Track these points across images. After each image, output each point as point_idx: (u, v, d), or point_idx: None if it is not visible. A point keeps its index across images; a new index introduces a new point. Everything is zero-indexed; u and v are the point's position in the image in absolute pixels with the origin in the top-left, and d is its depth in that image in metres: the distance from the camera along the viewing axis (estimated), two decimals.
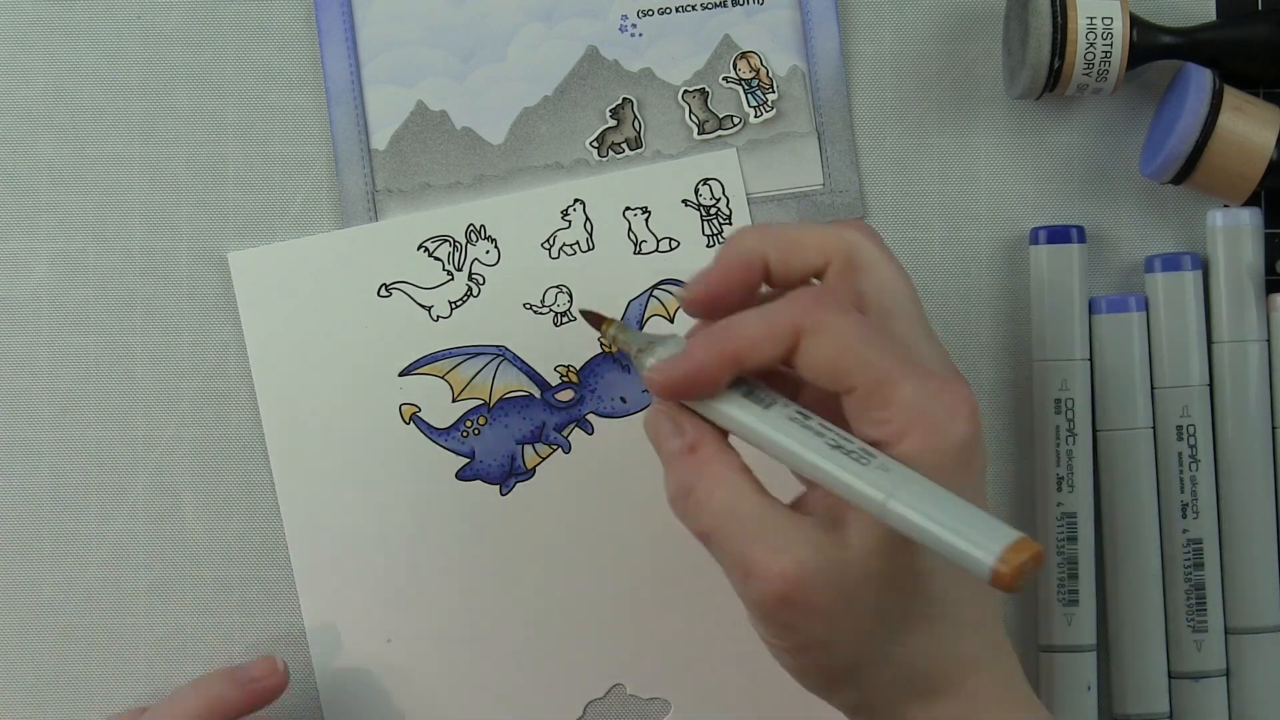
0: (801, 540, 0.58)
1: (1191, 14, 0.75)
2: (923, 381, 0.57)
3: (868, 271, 0.61)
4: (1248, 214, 0.74)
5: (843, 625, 0.59)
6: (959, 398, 0.58)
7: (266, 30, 0.75)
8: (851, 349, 0.58)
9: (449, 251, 0.74)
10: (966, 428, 0.57)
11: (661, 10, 0.75)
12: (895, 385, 0.57)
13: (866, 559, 0.58)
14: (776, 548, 0.58)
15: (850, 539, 0.58)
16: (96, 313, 0.74)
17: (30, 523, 0.74)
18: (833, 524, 0.59)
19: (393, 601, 0.74)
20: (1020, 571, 0.52)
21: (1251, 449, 0.73)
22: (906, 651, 0.60)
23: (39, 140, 0.75)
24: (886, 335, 0.60)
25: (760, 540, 0.58)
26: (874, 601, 0.58)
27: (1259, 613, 0.73)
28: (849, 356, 0.58)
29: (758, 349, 0.59)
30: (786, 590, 0.58)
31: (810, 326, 0.58)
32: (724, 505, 0.59)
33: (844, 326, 0.58)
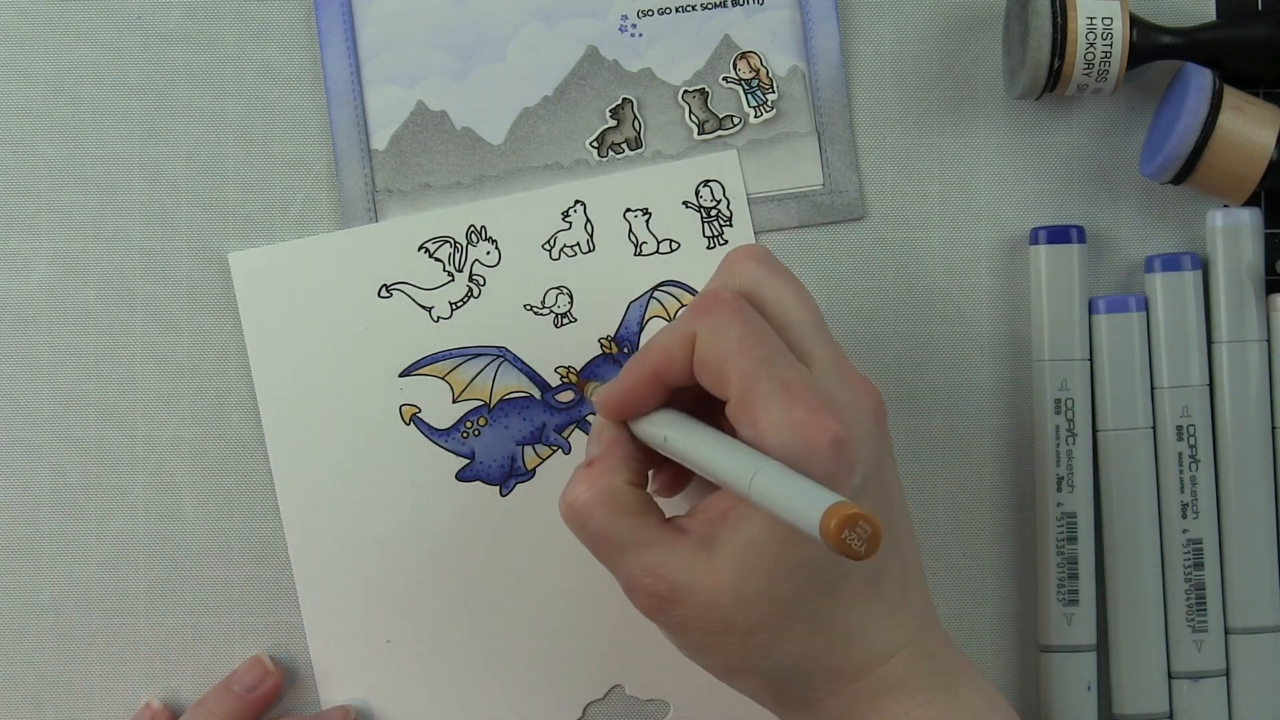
0: (673, 564, 0.61)
1: (1191, 14, 0.75)
2: (789, 409, 0.59)
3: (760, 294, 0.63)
4: (1248, 214, 0.74)
5: (718, 640, 0.61)
6: (819, 430, 0.58)
7: (266, 30, 0.75)
8: (728, 355, 0.60)
9: (449, 252, 0.74)
10: (821, 464, 0.58)
11: (661, 10, 0.75)
12: (762, 404, 0.59)
13: (735, 583, 0.60)
14: (647, 569, 0.61)
15: (719, 561, 0.60)
16: (96, 313, 0.74)
17: (30, 523, 0.74)
18: (708, 542, 0.61)
19: (393, 601, 0.74)
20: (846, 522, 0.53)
21: (1251, 449, 0.73)
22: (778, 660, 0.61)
23: (39, 140, 0.75)
24: (773, 345, 0.61)
25: (633, 561, 0.61)
26: (746, 622, 0.60)
27: (1259, 613, 0.73)
28: (726, 363, 0.60)
29: (671, 359, 0.62)
30: (658, 606, 0.61)
31: (701, 330, 0.61)
32: (599, 525, 0.62)
33: (726, 330, 0.61)
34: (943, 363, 0.75)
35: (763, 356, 0.60)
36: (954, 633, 0.74)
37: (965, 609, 0.75)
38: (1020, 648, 0.75)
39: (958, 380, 0.75)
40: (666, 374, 0.63)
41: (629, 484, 0.63)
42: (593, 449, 0.65)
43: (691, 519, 0.62)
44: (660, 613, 0.61)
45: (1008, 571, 0.75)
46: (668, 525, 0.62)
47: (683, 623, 0.61)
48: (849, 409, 0.61)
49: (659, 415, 0.64)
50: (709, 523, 0.61)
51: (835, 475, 0.58)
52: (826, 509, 0.53)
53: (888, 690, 0.62)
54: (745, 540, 0.60)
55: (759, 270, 0.64)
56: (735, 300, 0.62)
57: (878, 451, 0.62)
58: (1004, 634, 0.75)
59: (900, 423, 0.75)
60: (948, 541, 0.75)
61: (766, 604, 0.60)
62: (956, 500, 0.75)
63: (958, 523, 0.75)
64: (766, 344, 0.61)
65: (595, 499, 0.62)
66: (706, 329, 0.61)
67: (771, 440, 0.59)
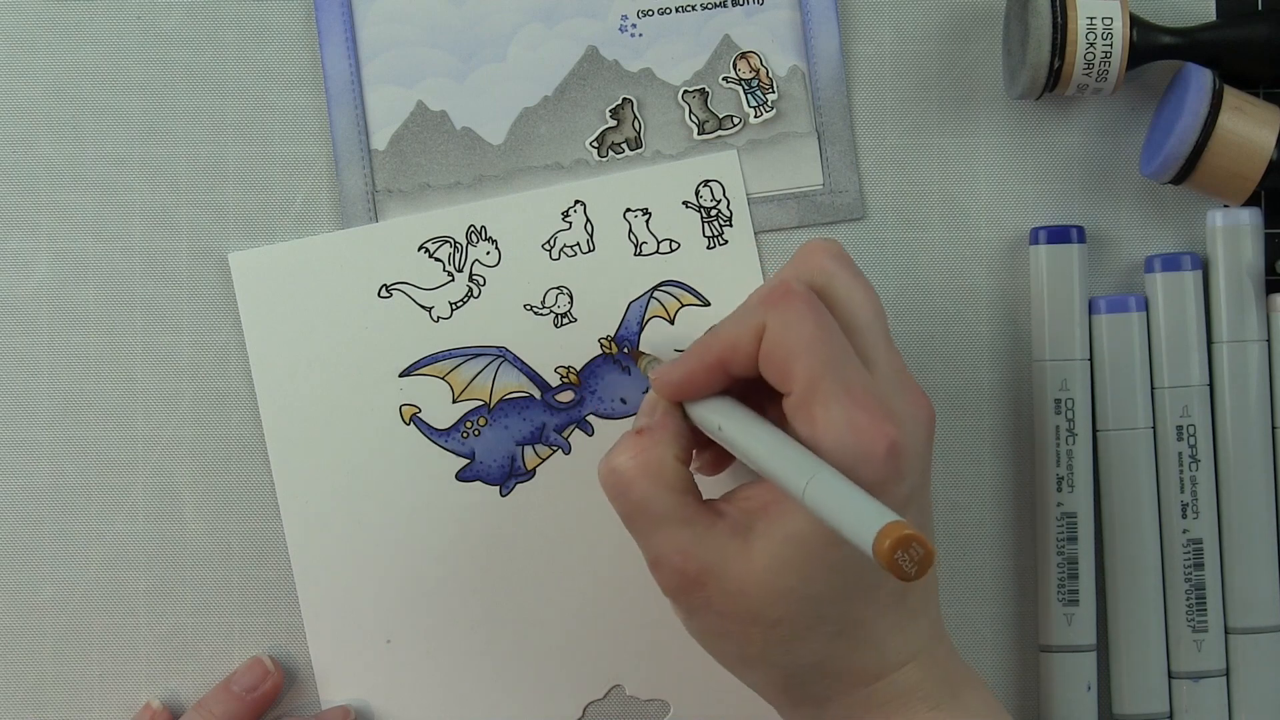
0: (705, 545, 0.61)
1: (1191, 14, 0.75)
2: (849, 411, 0.59)
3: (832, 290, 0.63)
4: (1248, 214, 0.74)
5: (739, 628, 0.61)
6: (878, 436, 0.59)
7: (266, 30, 0.75)
8: (797, 351, 0.60)
9: (449, 252, 0.74)
10: (875, 469, 0.58)
11: (661, 10, 0.75)
12: (823, 404, 0.59)
13: (768, 575, 0.60)
14: (679, 547, 0.61)
15: (755, 550, 0.60)
16: (96, 313, 0.74)
17: (30, 523, 0.74)
18: (745, 530, 0.61)
19: (393, 601, 0.74)
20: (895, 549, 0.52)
21: (1251, 449, 0.73)
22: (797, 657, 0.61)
23: (39, 140, 0.75)
24: (841, 347, 0.61)
25: (666, 536, 0.61)
26: (772, 615, 0.60)
27: (1259, 613, 0.73)
28: (793, 358, 0.60)
29: (737, 349, 0.62)
30: (684, 585, 0.61)
31: (771, 322, 0.61)
32: (640, 494, 0.62)
33: (797, 327, 0.61)
34: (943, 363, 0.75)
35: (830, 356, 0.60)
36: (954, 633, 0.74)
37: (965, 609, 0.75)
38: (1020, 648, 0.75)
39: (958, 380, 0.75)
40: (731, 363, 0.63)
41: (676, 459, 0.63)
42: (643, 419, 0.65)
43: (730, 504, 0.62)
44: (684, 593, 0.61)
45: (1008, 571, 0.75)
46: (706, 506, 0.62)
47: (705, 605, 0.61)
48: (906, 419, 0.61)
49: (715, 402, 0.64)
50: (749, 511, 0.61)
51: (886, 483, 0.59)
52: (882, 528, 0.52)
53: (897, 695, 0.62)
54: (786, 535, 0.60)
55: (834, 265, 0.64)
56: (808, 295, 0.62)
57: (926, 464, 0.62)
58: (1004, 634, 0.75)
59: None
60: (948, 541, 0.75)
61: (797, 600, 0.60)
62: (956, 500, 0.75)
63: (958, 523, 0.75)
64: (834, 344, 0.61)
65: (640, 468, 0.62)
66: (778, 321, 0.61)
67: (828, 441, 0.59)
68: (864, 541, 0.53)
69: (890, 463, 0.59)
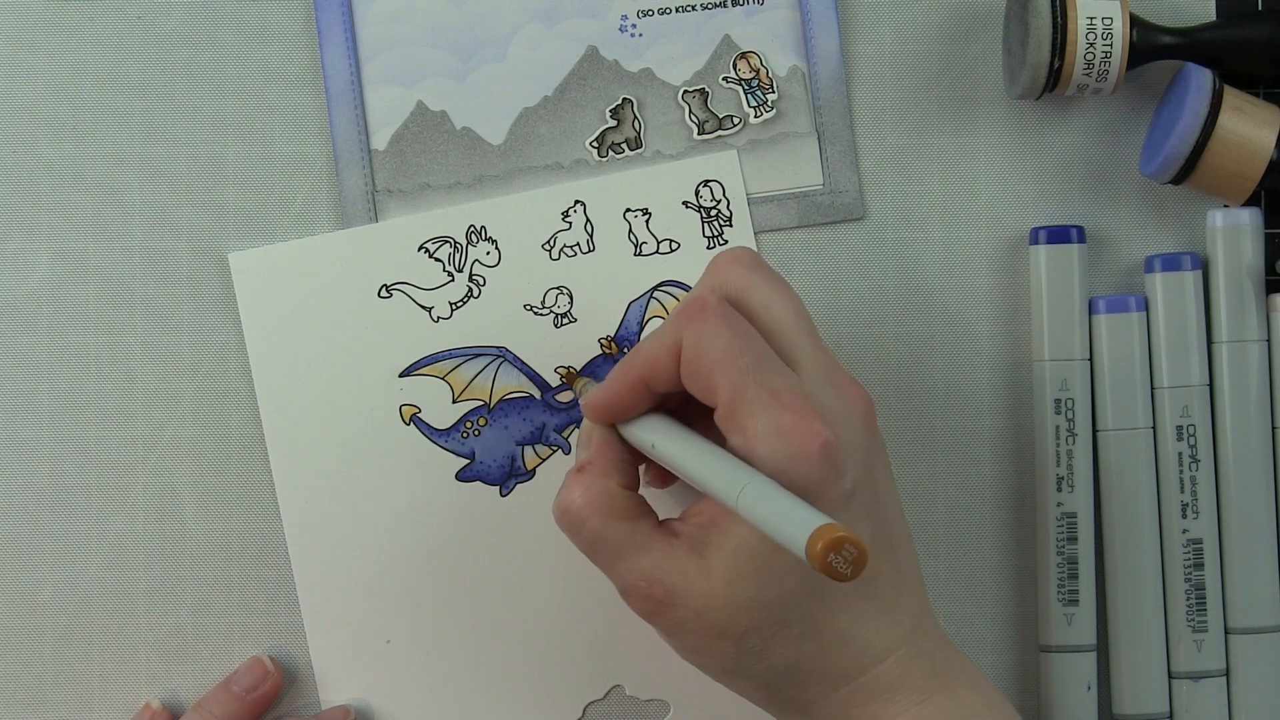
0: (666, 568, 0.61)
1: (1191, 14, 0.75)
2: (776, 416, 0.59)
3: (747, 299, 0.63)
4: (1248, 214, 0.74)
5: (713, 643, 0.61)
6: (809, 437, 0.59)
7: (266, 30, 0.75)
8: (715, 363, 0.60)
9: (449, 252, 0.74)
10: (810, 470, 0.58)
11: (661, 10, 0.75)
12: (749, 412, 0.59)
13: (727, 588, 0.60)
14: (641, 574, 0.61)
15: (712, 566, 0.60)
16: (96, 313, 0.74)
17: (30, 523, 0.74)
18: (701, 547, 0.61)
19: (393, 601, 0.74)
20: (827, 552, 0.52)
21: (1251, 449, 0.73)
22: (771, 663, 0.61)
23: (39, 140, 0.75)
24: (761, 353, 0.61)
25: (626, 565, 0.62)
26: (739, 626, 0.60)
27: (1259, 613, 0.73)
28: (713, 371, 0.60)
29: (657, 366, 0.62)
30: (653, 609, 0.61)
31: (687, 338, 0.61)
32: (593, 530, 0.62)
33: (713, 339, 0.61)
34: (943, 363, 0.75)
35: (750, 364, 0.60)
36: (954, 633, 0.74)
37: (965, 609, 0.75)
38: (1020, 648, 0.75)
39: (958, 380, 0.75)
40: (653, 380, 0.63)
41: (622, 487, 0.63)
42: (583, 453, 0.65)
43: (684, 523, 0.63)
44: (656, 616, 0.62)
45: (1008, 571, 0.75)
46: (661, 529, 0.63)
47: (678, 626, 0.61)
48: (838, 414, 0.61)
49: (647, 420, 0.64)
50: (701, 526, 0.61)
51: (824, 481, 0.59)
52: (812, 532, 0.53)
53: (881, 691, 0.62)
54: (736, 547, 0.60)
55: (746, 275, 0.64)
56: (721, 306, 0.62)
57: (868, 455, 0.62)
58: (1004, 634, 0.75)
59: (900, 423, 0.75)
60: (948, 541, 0.75)
61: (758, 609, 0.60)
62: (956, 500, 0.75)
63: (958, 523, 0.75)
64: (754, 351, 0.60)
65: (589, 504, 0.62)
66: (692, 336, 0.61)
67: (760, 448, 0.59)
68: (797, 547, 0.53)
69: (825, 461, 0.58)
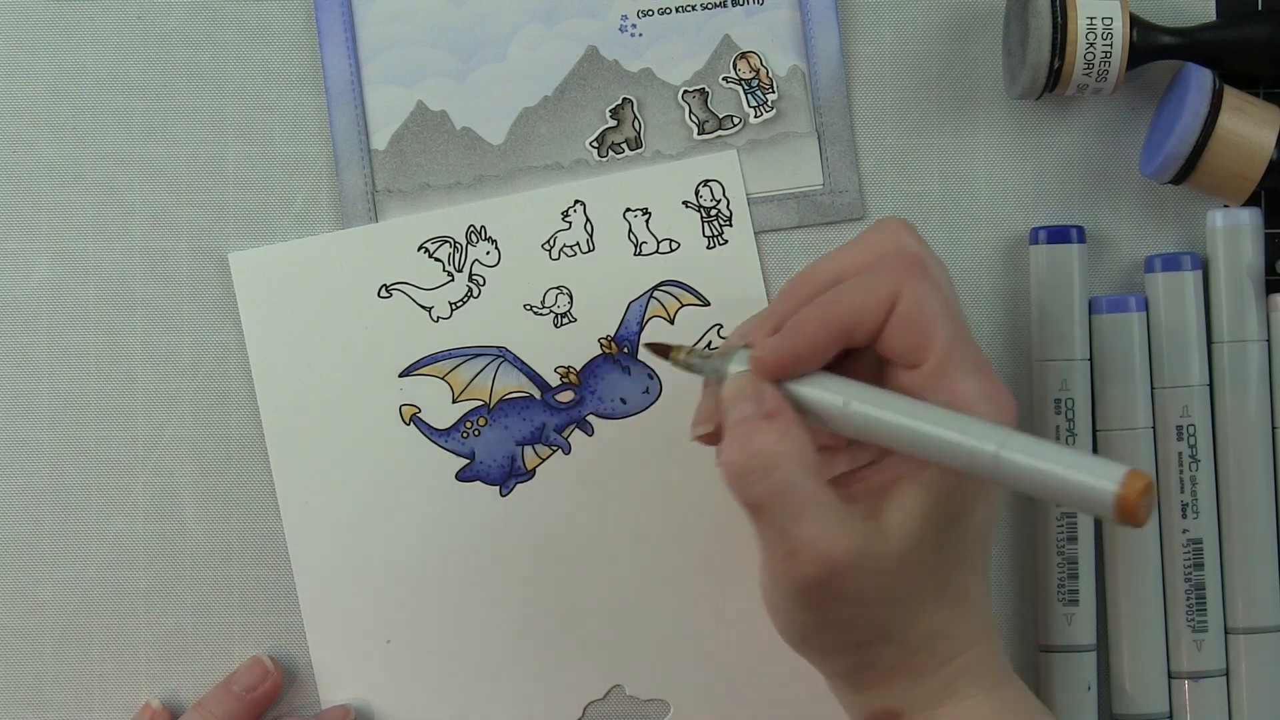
0: (849, 530, 0.60)
1: (1191, 14, 0.75)
2: (981, 380, 0.60)
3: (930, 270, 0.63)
4: (1248, 214, 0.74)
5: (867, 611, 0.61)
6: (1008, 405, 0.60)
7: (266, 30, 0.75)
8: (934, 322, 0.60)
9: (449, 252, 0.74)
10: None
11: (661, 10, 0.75)
12: (961, 373, 0.60)
13: (905, 551, 0.60)
14: (826, 533, 0.59)
15: (890, 531, 0.60)
16: (96, 313, 0.74)
17: (30, 523, 0.74)
18: (874, 513, 0.61)
19: (393, 601, 0.74)
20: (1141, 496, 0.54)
21: (1251, 449, 0.73)
22: (914, 631, 0.62)
23: (39, 140, 0.75)
24: (962, 320, 0.62)
25: (812, 522, 0.59)
26: (904, 590, 0.61)
27: (1259, 613, 0.73)
28: (931, 329, 0.60)
29: (863, 318, 0.61)
30: (826, 576, 0.60)
31: (907, 291, 0.61)
32: (785, 479, 0.59)
33: (932, 298, 0.61)
34: None
35: (959, 329, 0.61)
36: None
37: None
38: (1020, 648, 0.75)
39: None
40: (854, 331, 0.61)
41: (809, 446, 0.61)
42: (745, 406, 0.61)
43: (851, 489, 0.62)
44: (820, 584, 0.59)
45: (1008, 571, 0.75)
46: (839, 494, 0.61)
47: (840, 594, 0.60)
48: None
49: (826, 379, 0.62)
50: (872, 492, 0.61)
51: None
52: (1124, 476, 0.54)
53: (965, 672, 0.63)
54: (915, 510, 0.60)
55: (921, 248, 0.64)
56: (938, 267, 0.63)
57: None
58: (1004, 634, 0.75)
59: None
60: None
61: (928, 572, 0.61)
62: None
63: None
64: (960, 317, 0.62)
65: (788, 451, 0.59)
66: (913, 291, 0.61)
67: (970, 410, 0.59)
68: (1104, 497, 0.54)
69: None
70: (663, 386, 0.74)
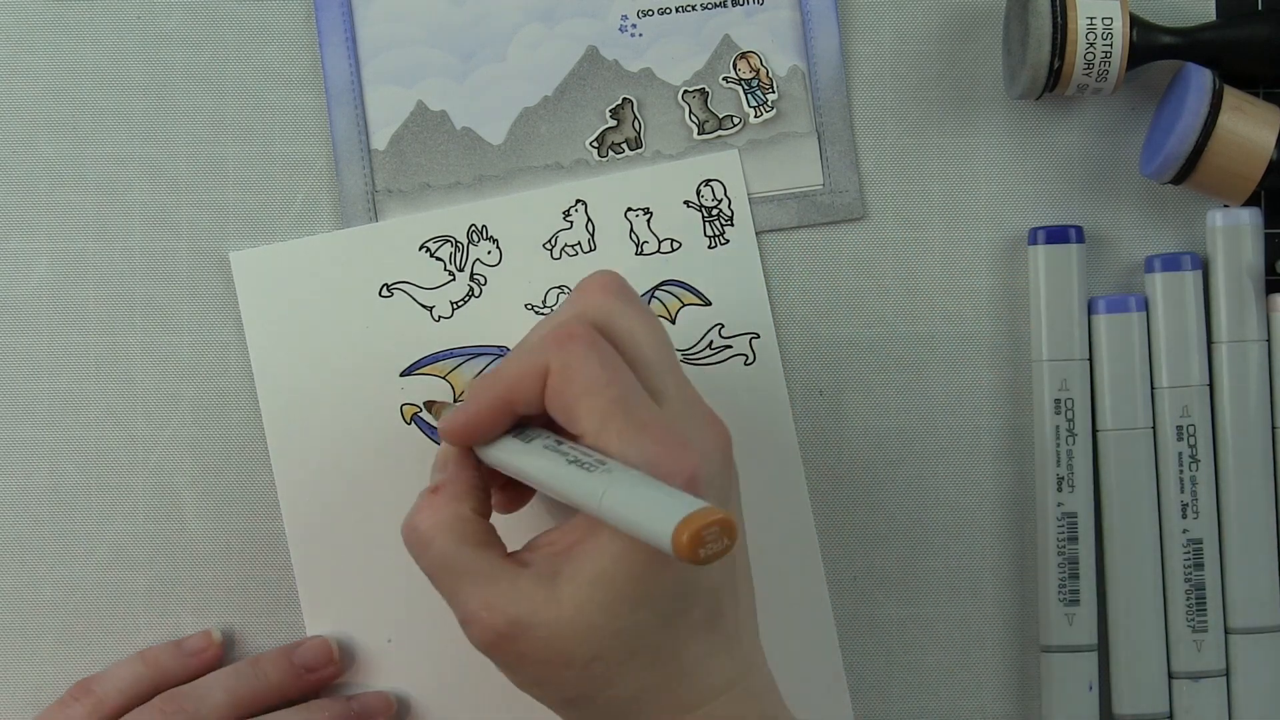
0: (515, 597, 0.60)
1: (1191, 14, 0.75)
2: (644, 447, 0.59)
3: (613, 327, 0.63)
4: (1248, 214, 0.74)
5: (556, 672, 0.60)
6: (676, 469, 0.59)
7: (266, 30, 0.75)
8: (583, 392, 0.60)
9: (450, 252, 0.74)
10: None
11: (661, 10, 0.75)
12: (618, 442, 0.59)
13: (576, 616, 0.59)
14: (488, 602, 0.60)
15: (562, 595, 0.60)
16: (96, 313, 0.74)
17: (30, 523, 0.74)
18: (550, 577, 0.60)
19: (393, 601, 0.74)
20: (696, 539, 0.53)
21: (1251, 449, 0.73)
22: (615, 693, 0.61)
23: (39, 140, 0.75)
24: (628, 383, 0.61)
25: (473, 592, 0.61)
26: (587, 654, 0.60)
27: (1259, 613, 0.73)
28: (580, 400, 0.60)
29: (522, 388, 0.62)
30: (496, 640, 0.60)
31: (554, 366, 0.61)
32: (441, 552, 0.62)
33: (583, 367, 0.60)
34: (943, 363, 0.75)
35: (618, 394, 0.60)
36: (954, 633, 0.74)
37: (965, 609, 0.75)
38: (1020, 648, 0.75)
39: (958, 380, 0.75)
40: (516, 403, 0.62)
41: (474, 513, 0.63)
42: (437, 475, 0.64)
43: (534, 553, 0.62)
44: (496, 648, 0.61)
45: (1008, 571, 0.75)
46: (509, 559, 0.62)
47: (520, 658, 0.60)
48: (701, 447, 0.61)
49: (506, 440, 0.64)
50: (553, 557, 0.61)
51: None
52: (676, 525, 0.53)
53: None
54: (592, 575, 0.59)
55: (613, 303, 0.63)
56: (590, 334, 0.61)
57: (725, 489, 0.62)
58: (1004, 634, 0.75)
59: (900, 423, 0.75)
60: (948, 541, 0.75)
61: (608, 638, 0.59)
62: (956, 500, 0.75)
63: (958, 523, 0.75)
64: (621, 381, 0.60)
65: (438, 526, 0.62)
66: (560, 363, 0.61)
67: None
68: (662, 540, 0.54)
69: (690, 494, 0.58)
70: None
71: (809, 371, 0.75)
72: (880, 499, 0.75)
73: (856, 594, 0.75)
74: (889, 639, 0.75)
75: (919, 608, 0.75)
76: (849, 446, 0.75)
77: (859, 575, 0.75)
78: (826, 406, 0.75)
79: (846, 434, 0.75)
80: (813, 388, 0.75)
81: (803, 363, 0.75)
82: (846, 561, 0.75)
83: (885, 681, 0.75)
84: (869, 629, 0.75)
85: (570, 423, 0.61)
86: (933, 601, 0.75)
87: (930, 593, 0.75)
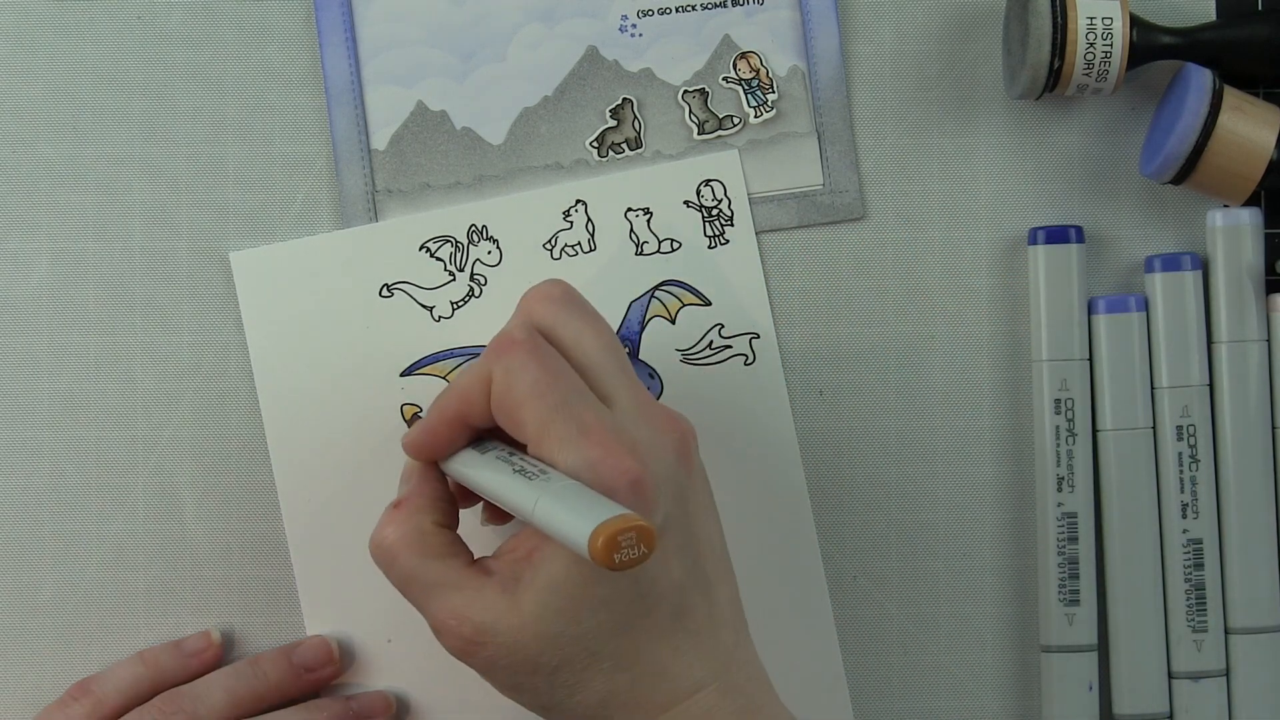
0: (479, 606, 0.61)
1: (1191, 14, 0.75)
2: (585, 452, 0.59)
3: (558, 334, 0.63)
4: (1248, 214, 0.74)
5: (525, 679, 0.61)
6: (617, 473, 0.59)
7: (266, 30, 0.75)
8: (523, 399, 0.61)
9: (451, 252, 0.74)
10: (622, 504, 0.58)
11: (661, 10, 0.75)
12: (559, 448, 0.60)
13: (536, 622, 0.60)
14: (453, 612, 0.61)
15: (522, 602, 0.60)
16: (96, 313, 0.74)
17: (30, 523, 0.74)
18: (513, 583, 0.61)
19: (393, 601, 0.73)
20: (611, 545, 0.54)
21: (1251, 449, 0.73)
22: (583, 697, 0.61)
23: (39, 140, 0.75)
24: (571, 388, 0.61)
25: (439, 602, 0.62)
26: (552, 659, 0.60)
27: (1259, 613, 0.73)
28: (521, 407, 0.61)
29: (470, 400, 0.63)
30: (465, 647, 0.61)
31: (495, 374, 0.62)
32: (405, 566, 0.63)
33: (523, 374, 0.61)
34: (943, 363, 0.75)
35: (559, 400, 0.60)
36: (954, 633, 0.74)
37: (965, 609, 0.75)
38: (1020, 648, 0.75)
39: (958, 380, 0.75)
40: (468, 416, 0.63)
41: (436, 525, 0.64)
42: (401, 489, 0.65)
43: (498, 560, 0.63)
44: (467, 655, 0.61)
45: (1008, 571, 0.75)
46: (474, 567, 0.62)
47: (490, 664, 0.61)
48: (650, 448, 0.61)
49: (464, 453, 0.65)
50: (514, 563, 0.62)
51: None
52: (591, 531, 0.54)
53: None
54: (547, 581, 0.60)
55: (557, 310, 0.64)
56: (531, 340, 0.62)
57: (681, 489, 0.62)
58: (1004, 634, 0.75)
59: (900, 423, 0.75)
60: (948, 541, 0.75)
61: (568, 643, 0.60)
62: (956, 500, 0.75)
63: (958, 523, 0.75)
64: (563, 386, 0.61)
65: (401, 540, 0.63)
66: (501, 371, 0.61)
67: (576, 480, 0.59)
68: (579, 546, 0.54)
69: (634, 497, 0.59)
70: (663, 385, 0.74)
71: (809, 371, 0.75)
72: (880, 499, 0.75)
73: (856, 594, 0.75)
74: (889, 639, 0.75)
75: (919, 608, 0.75)
76: (849, 446, 0.75)
77: (859, 575, 0.75)
78: (826, 406, 0.75)
79: (846, 434, 0.75)
80: (813, 388, 0.75)
81: (803, 363, 0.75)
82: (846, 562, 0.75)
83: (885, 681, 0.75)
84: (869, 629, 0.75)
85: (515, 430, 0.61)
86: (933, 601, 0.75)
87: (930, 593, 0.75)
